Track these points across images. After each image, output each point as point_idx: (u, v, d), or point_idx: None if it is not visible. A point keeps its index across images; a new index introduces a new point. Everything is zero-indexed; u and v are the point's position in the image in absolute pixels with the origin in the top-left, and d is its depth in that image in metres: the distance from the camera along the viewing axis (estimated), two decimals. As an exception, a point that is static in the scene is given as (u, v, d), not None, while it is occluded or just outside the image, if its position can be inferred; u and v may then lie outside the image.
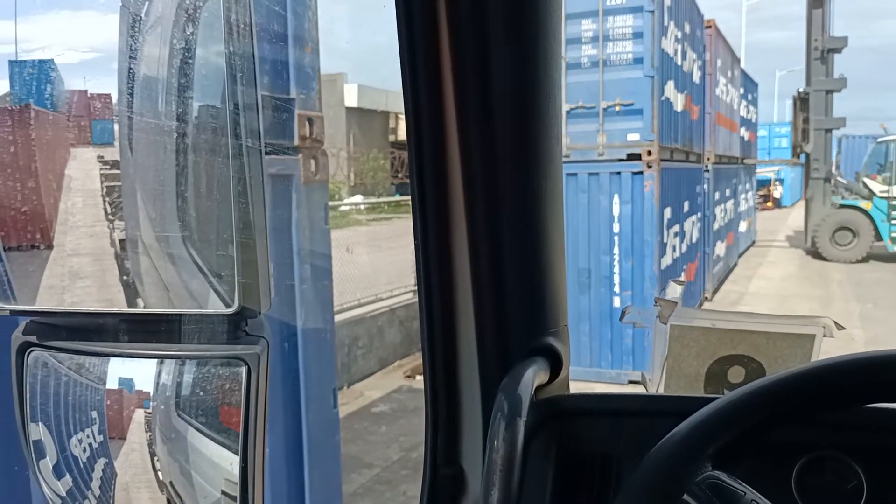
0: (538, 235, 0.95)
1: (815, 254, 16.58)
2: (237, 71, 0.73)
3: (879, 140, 17.98)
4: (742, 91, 16.72)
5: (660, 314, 1.08)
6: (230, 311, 0.73)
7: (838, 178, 17.71)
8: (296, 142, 2.91)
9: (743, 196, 17.57)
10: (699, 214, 11.10)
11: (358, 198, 17.24)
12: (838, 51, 17.18)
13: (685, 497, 0.69)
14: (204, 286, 0.87)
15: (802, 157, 17.71)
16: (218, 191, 0.81)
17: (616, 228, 7.94)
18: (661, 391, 1.09)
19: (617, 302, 8.02)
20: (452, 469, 0.98)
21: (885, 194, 16.21)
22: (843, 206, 16.86)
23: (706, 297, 11.91)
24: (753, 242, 19.26)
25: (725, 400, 0.72)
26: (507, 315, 0.95)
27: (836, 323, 1.08)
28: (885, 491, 0.87)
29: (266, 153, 2.50)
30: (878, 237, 16.26)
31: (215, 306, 0.83)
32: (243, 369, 0.74)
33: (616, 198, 7.90)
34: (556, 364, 0.96)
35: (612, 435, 0.95)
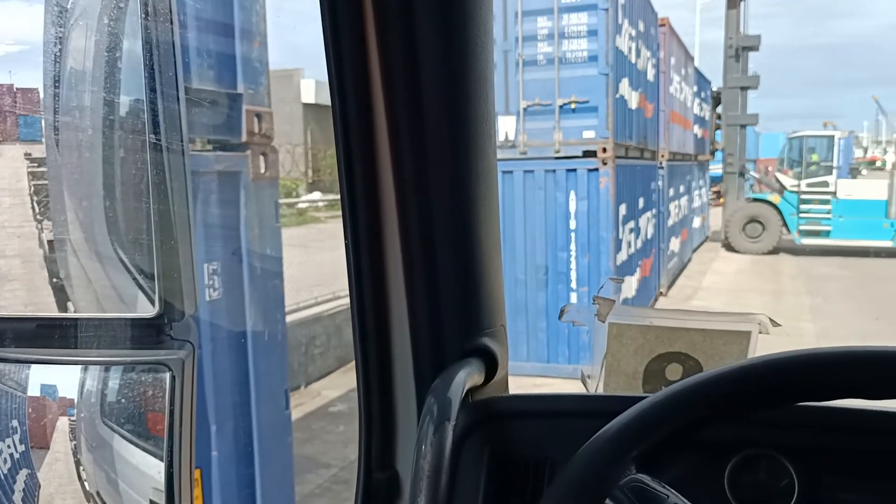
0: (472, 234, 0.94)
1: (728, 246, 17.14)
2: (155, 62, 0.70)
3: (791, 136, 18.67)
4: (696, 89, 17.03)
5: (598, 312, 1.08)
6: (151, 315, 0.71)
7: (752, 173, 18.33)
8: (243, 138, 2.86)
9: (697, 192, 17.93)
10: (654, 211, 11.27)
11: (316, 195, 17.09)
12: (753, 48, 17.79)
13: (608, 502, 0.68)
14: (133, 288, 0.85)
15: (718, 153, 18.29)
16: (143, 188, 0.79)
17: (573, 225, 8.01)
18: (600, 390, 1.09)
19: (574, 298, 8.09)
20: (386, 474, 0.96)
21: (796, 188, 16.81)
22: (754, 199, 17.47)
23: (661, 293, 12.10)
24: (707, 238, 19.65)
25: (648, 402, 0.71)
26: (442, 316, 0.93)
27: (771, 319, 1.09)
28: (816, 489, 0.88)
29: (213, 149, 2.44)
30: (787, 230, 16.85)
31: (144, 309, 0.80)
32: (167, 375, 0.71)
33: (572, 194, 7.97)
34: (492, 364, 0.95)
35: (547, 436, 0.94)
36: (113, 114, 0.86)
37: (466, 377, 0.87)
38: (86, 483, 0.86)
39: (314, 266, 8.84)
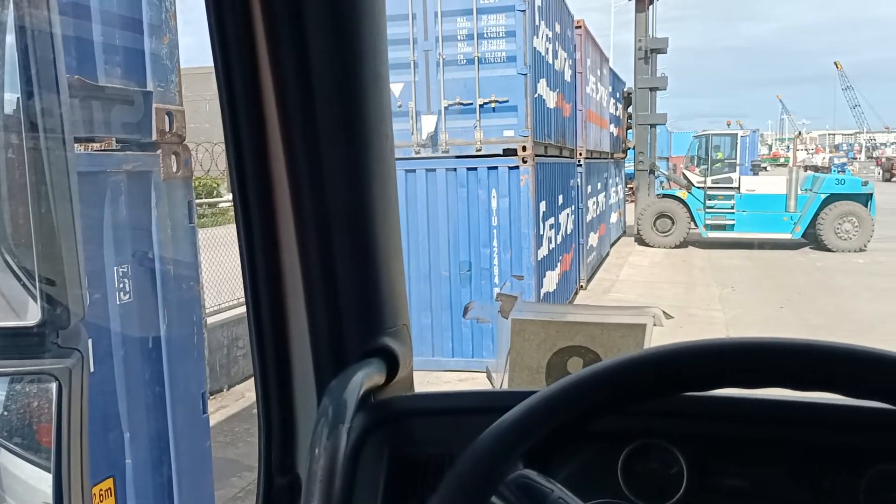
0: (370, 234, 0.93)
1: (641, 240, 17.83)
2: (32, 59, 0.67)
3: (696, 134, 19.55)
4: (611, 89, 17.51)
5: (501, 309, 1.10)
6: (33, 323, 0.68)
7: (661, 170, 19.14)
8: (154, 137, 2.78)
9: (613, 189, 18.47)
10: (573, 207, 11.54)
11: (237, 194, 16.62)
12: (661, 51, 18.49)
13: (494, 499, 0.68)
14: (22, 295, 0.81)
15: (632, 152, 18.96)
16: (25, 190, 0.76)
17: (495, 222, 8.13)
18: (505, 385, 1.11)
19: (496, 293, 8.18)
20: (287, 479, 0.94)
21: (702, 184, 17.60)
22: (664, 195, 18.21)
23: (581, 286, 12.41)
24: (623, 233, 20.27)
25: (535, 398, 0.71)
26: (341, 316, 0.92)
27: (664, 312, 1.15)
28: (704, 475, 0.91)
29: (121, 149, 2.35)
30: (695, 224, 17.65)
31: (34, 317, 0.77)
32: (53, 385, 0.69)
33: (494, 192, 8.09)
34: (394, 364, 0.95)
35: (447, 434, 0.93)
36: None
37: (364, 378, 0.87)
38: (-29, 500, 0.82)
39: (236, 266, 8.64)
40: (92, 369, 2.60)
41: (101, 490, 2.64)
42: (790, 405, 0.90)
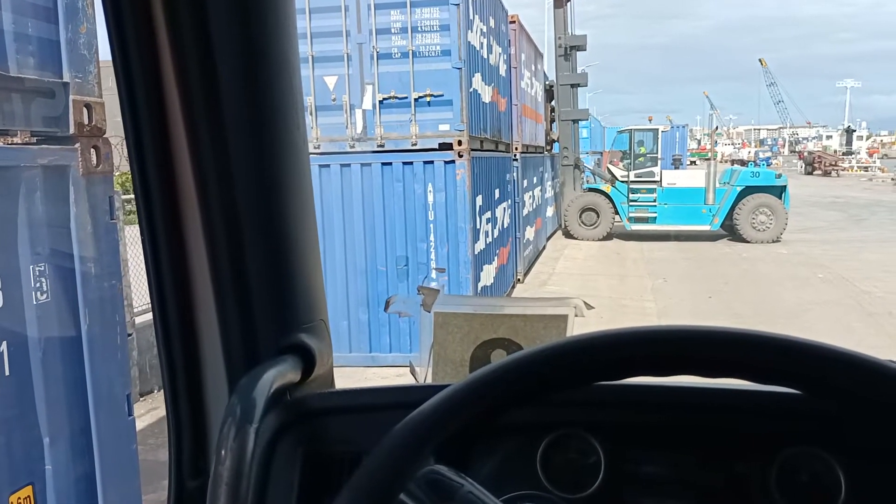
0: (283, 226, 0.91)
1: (567, 233, 18.29)
2: None
3: (620, 130, 20.11)
4: (546, 84, 17.73)
5: (423, 302, 1.10)
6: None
7: (585, 165, 19.67)
8: (72, 130, 2.67)
9: (549, 183, 18.74)
10: (509, 201, 11.65)
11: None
12: (581, 48, 18.85)
13: (403, 496, 0.67)
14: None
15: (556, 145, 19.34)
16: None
17: (431, 216, 8.14)
18: (429, 379, 1.10)
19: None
20: (199, 482, 0.91)
21: (625, 179, 18.13)
22: (589, 189, 18.70)
23: (519, 279, 12.55)
24: (559, 226, 20.61)
25: (446, 393, 0.69)
26: (253, 312, 0.90)
27: (585, 303, 1.16)
28: (621, 464, 0.93)
29: (37, 143, 2.25)
30: (619, 217, 18.24)
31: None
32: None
33: (430, 186, 8.10)
34: (310, 361, 0.92)
35: (364, 432, 0.90)
36: None
37: (277, 375, 0.84)
38: None
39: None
40: (7, 372, 2.48)
41: (19, 498, 2.54)
42: (704, 392, 0.92)
